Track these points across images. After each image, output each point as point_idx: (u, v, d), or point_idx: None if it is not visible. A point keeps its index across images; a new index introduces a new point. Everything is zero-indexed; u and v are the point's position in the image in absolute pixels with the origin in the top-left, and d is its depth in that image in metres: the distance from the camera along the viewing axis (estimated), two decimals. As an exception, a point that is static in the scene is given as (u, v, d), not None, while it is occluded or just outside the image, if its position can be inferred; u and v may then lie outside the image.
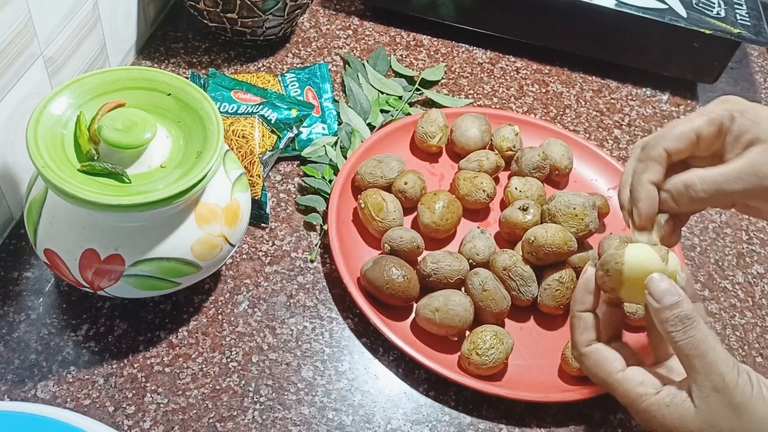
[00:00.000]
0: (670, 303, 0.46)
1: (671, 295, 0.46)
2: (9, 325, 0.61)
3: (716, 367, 0.44)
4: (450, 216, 0.70)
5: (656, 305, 0.46)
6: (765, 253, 0.79)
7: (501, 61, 0.94)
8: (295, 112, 0.74)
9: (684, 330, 0.45)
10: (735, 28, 0.88)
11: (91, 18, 0.71)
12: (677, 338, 0.45)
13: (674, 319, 0.45)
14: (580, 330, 0.51)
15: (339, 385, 0.61)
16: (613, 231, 0.75)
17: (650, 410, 0.46)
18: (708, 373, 0.44)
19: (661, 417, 0.46)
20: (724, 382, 0.44)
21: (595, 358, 0.49)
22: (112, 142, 0.52)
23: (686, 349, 0.45)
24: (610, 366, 0.49)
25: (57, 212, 0.54)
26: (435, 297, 0.63)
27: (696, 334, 0.45)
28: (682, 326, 0.45)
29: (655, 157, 0.50)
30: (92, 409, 0.57)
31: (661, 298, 0.46)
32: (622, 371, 0.48)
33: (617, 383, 0.48)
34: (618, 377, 0.48)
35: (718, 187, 0.47)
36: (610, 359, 0.49)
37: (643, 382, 0.47)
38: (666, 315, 0.46)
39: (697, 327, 0.45)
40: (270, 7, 0.80)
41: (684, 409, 0.45)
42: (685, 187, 0.48)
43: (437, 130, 0.77)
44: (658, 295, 0.46)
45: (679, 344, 0.45)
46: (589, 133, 0.88)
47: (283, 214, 0.73)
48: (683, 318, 0.45)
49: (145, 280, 0.55)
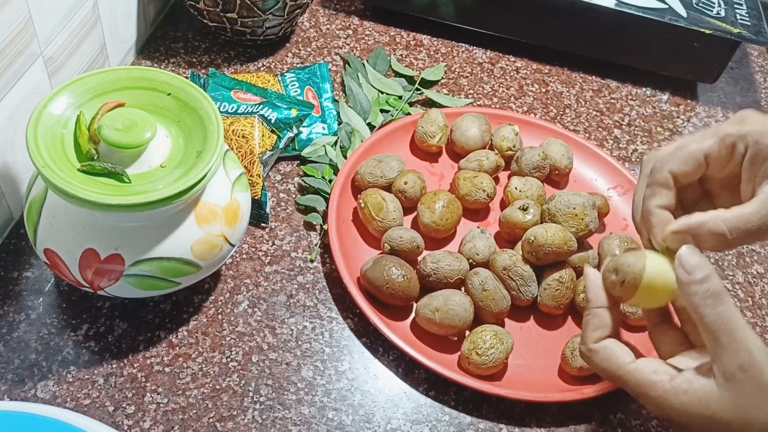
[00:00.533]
0: (701, 276, 0.44)
1: (702, 269, 0.44)
2: (9, 324, 0.61)
3: (745, 344, 0.42)
4: (450, 216, 0.70)
5: (687, 277, 0.44)
6: (765, 252, 0.79)
7: (501, 61, 0.94)
8: (295, 111, 0.74)
9: (714, 305, 0.43)
10: (735, 27, 0.88)
11: (90, 18, 0.71)
12: (706, 312, 0.43)
13: (704, 293, 0.43)
14: (594, 326, 0.49)
15: (339, 384, 0.61)
16: (613, 231, 0.75)
17: (667, 397, 0.45)
18: (736, 350, 0.42)
19: (679, 403, 0.44)
20: (753, 360, 0.42)
21: (605, 353, 0.48)
22: (112, 141, 0.52)
23: (715, 324, 0.43)
24: (620, 359, 0.47)
25: (57, 212, 0.54)
26: (435, 297, 0.63)
27: (726, 310, 0.43)
28: (712, 300, 0.43)
29: (662, 182, 0.48)
30: (92, 408, 0.57)
31: (693, 271, 0.44)
32: (633, 362, 0.47)
33: (629, 374, 0.47)
34: (630, 368, 0.46)
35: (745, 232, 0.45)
36: (620, 352, 0.47)
37: (656, 371, 0.46)
38: (696, 288, 0.44)
39: (728, 303, 0.43)
40: (270, 7, 0.80)
41: (705, 393, 0.43)
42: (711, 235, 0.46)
43: (437, 129, 0.77)
44: (690, 268, 0.44)
45: (707, 319, 0.43)
46: (589, 133, 0.88)
47: (283, 214, 0.73)
48: (714, 293, 0.43)
49: (145, 279, 0.55)
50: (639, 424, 0.63)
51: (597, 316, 0.49)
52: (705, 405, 0.44)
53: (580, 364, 0.62)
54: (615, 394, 0.63)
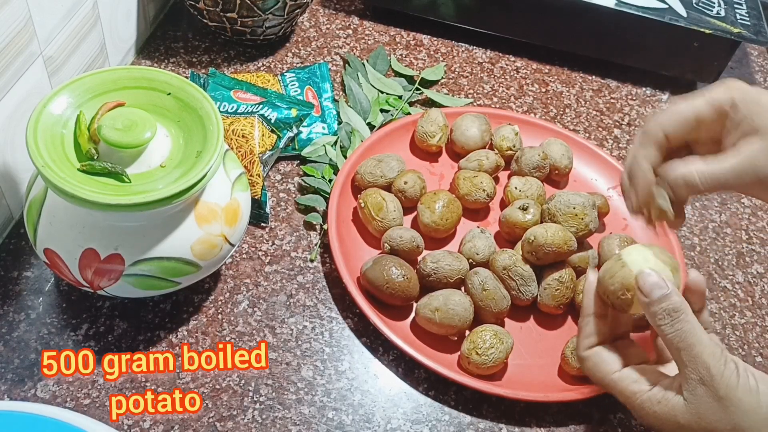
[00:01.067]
0: (658, 296, 0.47)
1: (659, 289, 0.47)
2: (9, 324, 0.61)
3: (702, 359, 0.45)
4: (450, 215, 0.70)
5: (645, 299, 0.47)
6: (765, 252, 0.79)
7: (501, 61, 0.94)
8: (294, 111, 0.74)
9: (672, 323, 0.46)
10: (735, 27, 0.88)
11: (90, 17, 0.71)
12: (666, 331, 0.46)
13: (662, 312, 0.46)
14: (585, 334, 0.52)
15: (339, 384, 0.61)
16: (612, 230, 0.75)
17: (643, 406, 0.48)
18: (694, 365, 0.45)
19: (653, 413, 0.47)
20: (709, 374, 0.44)
21: (594, 360, 0.51)
22: (112, 141, 0.52)
23: (674, 341, 0.46)
24: (606, 367, 0.50)
25: (57, 212, 0.54)
26: (435, 296, 0.63)
27: (683, 327, 0.45)
28: (669, 319, 0.46)
29: (654, 140, 0.51)
30: (92, 408, 0.57)
31: (650, 292, 0.47)
32: (618, 371, 0.49)
33: (613, 383, 0.50)
34: (614, 377, 0.49)
35: (717, 183, 0.48)
36: (607, 361, 0.50)
37: (637, 381, 0.48)
38: (655, 309, 0.47)
39: (685, 319, 0.46)
40: (270, 7, 0.80)
41: (673, 404, 0.46)
42: (685, 182, 0.49)
43: (437, 129, 0.77)
44: (647, 290, 0.47)
45: (668, 337, 0.46)
46: (588, 133, 0.88)
47: (283, 214, 0.73)
48: (671, 311, 0.46)
49: (145, 279, 0.55)
50: (639, 424, 0.63)
51: (588, 324, 0.52)
52: (673, 416, 0.46)
53: (580, 363, 0.62)
54: (615, 394, 0.63)
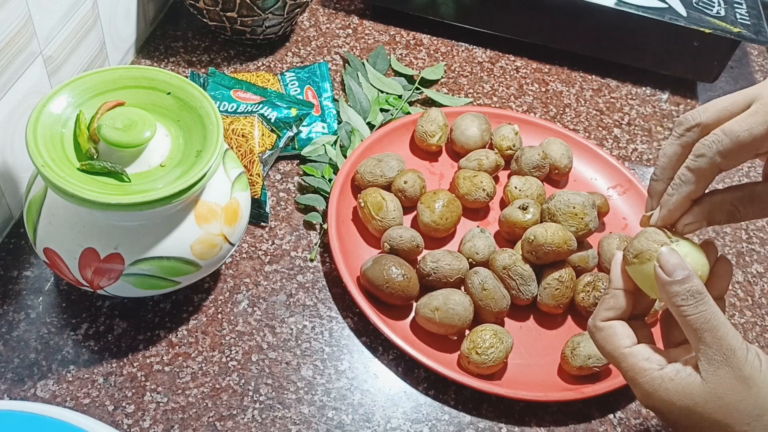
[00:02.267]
0: (681, 277, 0.45)
1: (682, 269, 0.45)
2: (9, 324, 0.61)
3: (727, 341, 0.44)
4: (450, 215, 0.70)
5: (666, 278, 0.45)
6: (764, 252, 0.79)
7: (501, 60, 0.94)
8: (294, 111, 0.74)
9: (695, 304, 0.44)
10: (735, 27, 0.88)
11: (90, 17, 0.71)
12: (688, 312, 0.44)
13: (685, 293, 0.45)
14: (607, 306, 0.49)
15: (339, 384, 0.61)
16: (612, 230, 0.75)
17: (653, 384, 0.46)
18: (719, 346, 0.44)
19: (663, 390, 0.46)
20: (735, 355, 0.44)
21: (607, 332, 0.49)
22: (112, 140, 0.52)
23: (697, 323, 0.44)
24: (618, 341, 0.48)
25: (56, 211, 0.54)
26: (435, 296, 0.63)
27: (708, 308, 0.44)
28: (693, 300, 0.44)
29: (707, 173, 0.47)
30: (92, 408, 0.57)
31: (672, 272, 0.45)
32: (630, 347, 0.48)
33: (622, 357, 0.48)
34: (624, 351, 0.48)
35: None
36: (620, 335, 0.48)
37: (648, 359, 0.47)
38: (676, 289, 0.45)
39: (708, 302, 0.45)
40: (269, 6, 0.80)
41: (689, 382, 0.45)
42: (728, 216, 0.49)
43: (437, 129, 0.77)
44: (669, 269, 0.46)
45: (689, 318, 0.44)
46: (588, 132, 0.88)
47: (283, 213, 0.73)
48: (694, 292, 0.45)
49: (145, 279, 0.55)
50: (639, 423, 0.63)
51: (614, 296, 0.50)
52: (688, 395, 0.45)
53: (580, 363, 0.62)
54: (614, 394, 0.63)
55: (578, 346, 0.62)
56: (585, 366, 0.62)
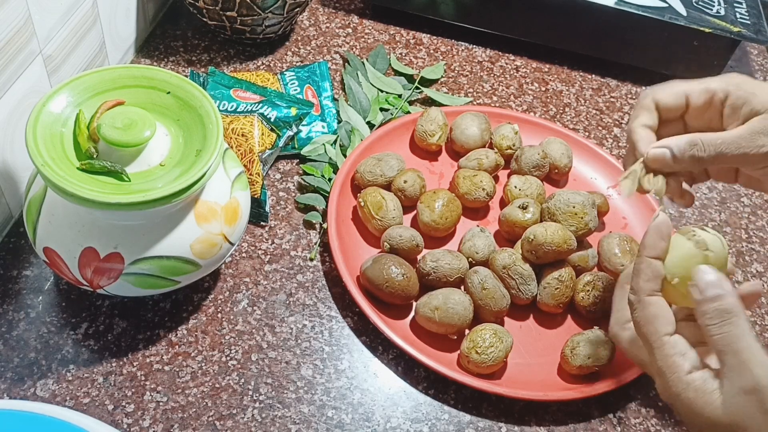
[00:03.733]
0: (713, 294, 0.44)
1: (714, 288, 0.44)
2: (8, 323, 0.61)
3: (748, 368, 0.42)
4: (449, 214, 0.70)
5: (698, 297, 0.45)
6: (764, 251, 0.79)
7: (500, 60, 0.94)
8: (294, 110, 0.74)
9: (721, 324, 0.43)
10: (734, 26, 0.88)
11: (90, 16, 0.71)
12: (712, 332, 0.44)
13: (713, 312, 0.44)
14: (647, 277, 0.47)
15: (338, 383, 0.61)
16: (612, 229, 0.75)
17: (679, 385, 0.45)
18: (740, 372, 0.43)
19: (686, 397, 0.45)
20: (759, 385, 0.42)
21: (652, 311, 0.47)
22: (112, 140, 0.52)
23: (720, 344, 0.43)
24: (661, 325, 0.46)
25: (56, 210, 0.54)
26: (434, 295, 0.63)
27: (732, 330, 0.43)
28: (719, 320, 0.43)
29: (645, 105, 0.54)
30: (92, 407, 0.57)
31: (706, 289, 0.45)
32: (670, 335, 0.46)
33: (660, 344, 0.46)
34: (664, 339, 0.46)
35: (717, 149, 0.50)
36: (665, 318, 0.46)
37: (685, 355, 0.45)
38: (706, 307, 0.44)
39: (736, 323, 0.43)
40: (269, 5, 0.80)
41: (710, 399, 0.44)
42: (689, 144, 0.50)
43: (437, 128, 0.77)
44: (703, 287, 0.45)
45: (714, 338, 0.44)
46: (588, 132, 0.88)
47: (283, 213, 0.73)
48: (722, 312, 0.44)
49: (145, 278, 0.55)
50: (638, 422, 0.63)
51: (651, 265, 0.48)
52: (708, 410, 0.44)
53: (580, 362, 0.62)
54: (614, 393, 0.63)
55: (578, 345, 0.62)
56: (585, 365, 0.62)
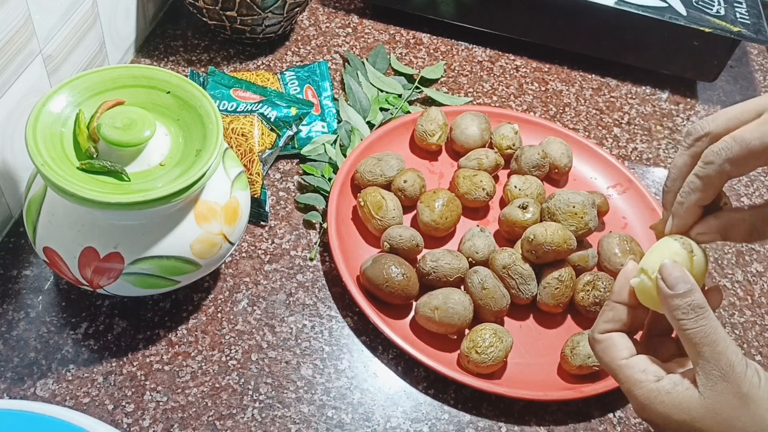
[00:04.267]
0: (683, 290, 0.45)
1: (684, 283, 0.45)
2: (8, 323, 0.61)
3: (726, 356, 0.44)
4: (449, 214, 0.70)
5: (668, 291, 0.45)
6: (764, 251, 0.79)
7: (500, 60, 0.94)
8: (294, 110, 0.74)
9: (696, 319, 0.44)
10: (735, 26, 0.88)
11: (90, 16, 0.71)
12: (687, 326, 0.45)
13: (686, 307, 0.45)
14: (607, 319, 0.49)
15: (338, 383, 0.61)
16: (612, 229, 0.75)
17: (649, 396, 0.46)
18: (717, 361, 0.44)
19: (659, 403, 0.46)
20: (733, 371, 0.43)
21: (606, 344, 0.49)
22: (111, 140, 0.52)
23: (696, 337, 0.44)
24: (616, 353, 0.48)
25: (56, 210, 0.54)
26: (434, 295, 0.63)
27: (708, 323, 0.44)
28: (694, 315, 0.44)
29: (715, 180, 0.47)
30: (91, 407, 0.57)
31: (674, 285, 0.45)
32: (626, 358, 0.48)
33: (619, 368, 0.48)
34: (621, 363, 0.48)
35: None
36: (618, 346, 0.48)
37: (645, 370, 0.47)
38: (677, 302, 0.45)
39: (709, 317, 0.45)
40: (269, 5, 0.80)
41: (686, 396, 0.45)
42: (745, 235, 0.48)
43: (437, 128, 0.77)
44: (671, 282, 0.46)
45: (689, 332, 0.44)
46: (588, 132, 0.88)
47: (283, 213, 0.73)
48: (695, 307, 0.45)
49: (145, 278, 0.55)
50: (638, 422, 0.63)
51: (614, 309, 0.49)
52: (685, 409, 0.45)
53: (580, 362, 0.62)
54: (614, 393, 0.63)
55: (578, 345, 0.62)
56: (584, 365, 0.62)
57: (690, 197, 0.48)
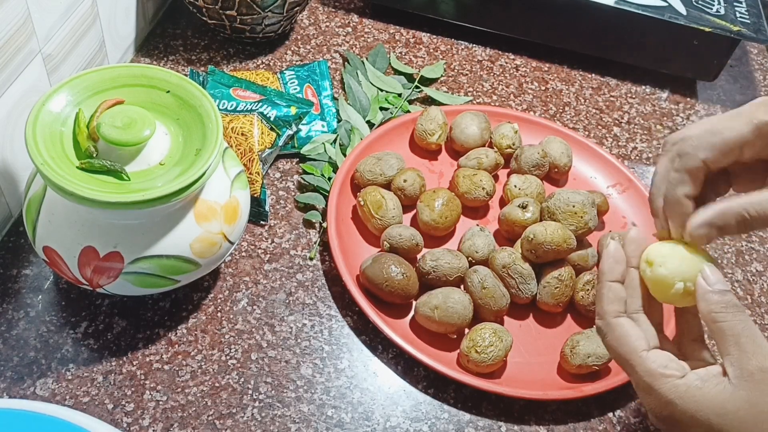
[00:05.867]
0: (722, 288, 0.46)
1: (723, 284, 0.46)
2: (8, 322, 0.61)
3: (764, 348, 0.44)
4: (449, 214, 0.70)
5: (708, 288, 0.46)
6: (764, 251, 0.79)
7: (500, 59, 0.94)
8: (294, 109, 0.74)
9: (734, 313, 0.45)
10: (734, 25, 0.88)
11: (89, 15, 0.71)
12: (723, 318, 0.45)
13: (726, 303, 0.45)
14: (609, 300, 0.48)
15: (338, 382, 0.62)
16: (612, 229, 0.75)
17: (677, 391, 0.45)
18: (755, 352, 0.43)
19: (690, 397, 0.44)
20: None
21: (621, 331, 0.47)
22: (111, 139, 0.52)
23: (736, 329, 0.44)
24: (634, 342, 0.47)
25: (56, 209, 0.54)
26: (434, 295, 0.63)
27: (745, 318, 0.45)
28: (733, 309, 0.45)
29: (693, 170, 0.47)
30: (91, 406, 0.57)
31: (715, 284, 0.46)
32: (647, 351, 0.46)
33: (639, 360, 0.46)
34: (642, 355, 0.46)
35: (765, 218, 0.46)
36: (634, 336, 0.47)
37: (667, 366, 0.46)
38: (718, 298, 0.45)
39: (745, 314, 0.45)
40: (269, 4, 0.80)
41: (719, 390, 0.44)
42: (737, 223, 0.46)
43: (436, 127, 0.77)
44: (712, 281, 0.46)
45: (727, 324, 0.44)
46: (588, 131, 0.88)
47: (282, 212, 0.73)
48: (733, 304, 0.45)
49: (144, 277, 0.55)
50: (638, 422, 0.63)
51: (611, 289, 0.48)
52: (719, 403, 0.44)
53: (579, 362, 0.62)
54: (614, 392, 0.63)
55: (577, 344, 0.62)
56: (584, 364, 0.62)
57: (674, 191, 0.48)
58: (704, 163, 0.47)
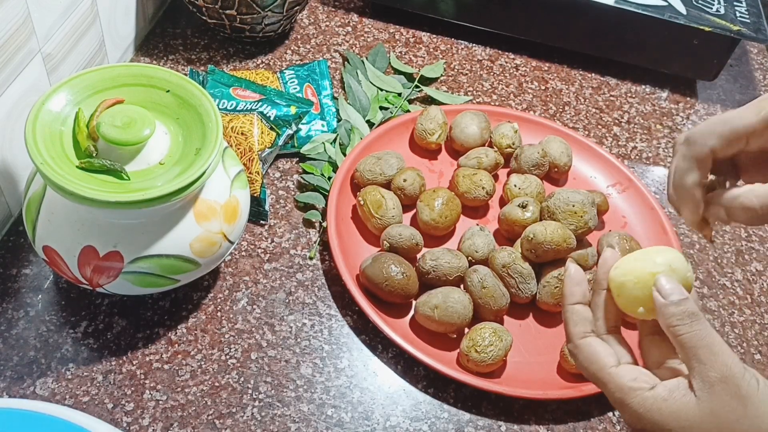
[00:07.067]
0: (678, 299, 0.46)
1: (678, 293, 0.46)
2: (8, 322, 0.61)
3: (723, 358, 0.44)
4: (449, 213, 0.70)
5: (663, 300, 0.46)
6: (764, 250, 0.79)
7: (500, 58, 0.94)
8: (294, 109, 0.74)
9: (691, 324, 0.45)
10: (734, 25, 0.88)
11: (89, 14, 0.71)
12: (682, 331, 0.45)
13: (681, 314, 0.45)
14: (574, 322, 0.50)
15: (338, 382, 0.62)
16: (612, 228, 0.75)
17: (645, 404, 0.46)
18: (713, 363, 0.44)
19: (657, 410, 0.45)
20: (731, 372, 0.44)
21: (588, 351, 0.49)
22: (111, 138, 0.52)
23: (693, 341, 0.45)
24: (603, 360, 0.48)
25: (56, 209, 0.54)
26: (434, 294, 0.63)
27: (702, 327, 0.45)
28: (689, 320, 0.45)
29: (701, 157, 0.48)
30: (91, 406, 0.57)
31: (669, 295, 0.46)
32: (615, 366, 0.48)
33: (609, 377, 0.47)
34: (611, 371, 0.47)
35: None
36: (603, 353, 0.48)
37: (636, 378, 0.47)
38: (673, 310, 0.46)
39: (703, 322, 0.45)
40: (269, 4, 0.80)
41: (684, 402, 0.45)
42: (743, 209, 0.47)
43: (436, 127, 0.77)
44: (667, 292, 0.46)
45: (684, 336, 0.45)
46: (588, 131, 0.88)
47: (282, 211, 0.73)
48: (690, 314, 0.45)
49: (144, 277, 0.55)
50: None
51: (574, 311, 0.50)
52: (683, 415, 0.45)
53: (579, 361, 0.62)
54: (614, 392, 0.63)
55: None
56: (584, 364, 0.62)
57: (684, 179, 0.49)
58: (712, 151, 0.48)
